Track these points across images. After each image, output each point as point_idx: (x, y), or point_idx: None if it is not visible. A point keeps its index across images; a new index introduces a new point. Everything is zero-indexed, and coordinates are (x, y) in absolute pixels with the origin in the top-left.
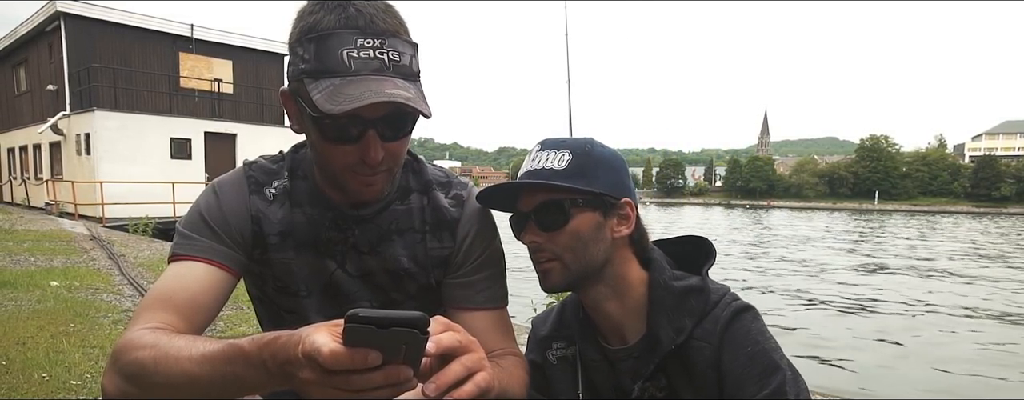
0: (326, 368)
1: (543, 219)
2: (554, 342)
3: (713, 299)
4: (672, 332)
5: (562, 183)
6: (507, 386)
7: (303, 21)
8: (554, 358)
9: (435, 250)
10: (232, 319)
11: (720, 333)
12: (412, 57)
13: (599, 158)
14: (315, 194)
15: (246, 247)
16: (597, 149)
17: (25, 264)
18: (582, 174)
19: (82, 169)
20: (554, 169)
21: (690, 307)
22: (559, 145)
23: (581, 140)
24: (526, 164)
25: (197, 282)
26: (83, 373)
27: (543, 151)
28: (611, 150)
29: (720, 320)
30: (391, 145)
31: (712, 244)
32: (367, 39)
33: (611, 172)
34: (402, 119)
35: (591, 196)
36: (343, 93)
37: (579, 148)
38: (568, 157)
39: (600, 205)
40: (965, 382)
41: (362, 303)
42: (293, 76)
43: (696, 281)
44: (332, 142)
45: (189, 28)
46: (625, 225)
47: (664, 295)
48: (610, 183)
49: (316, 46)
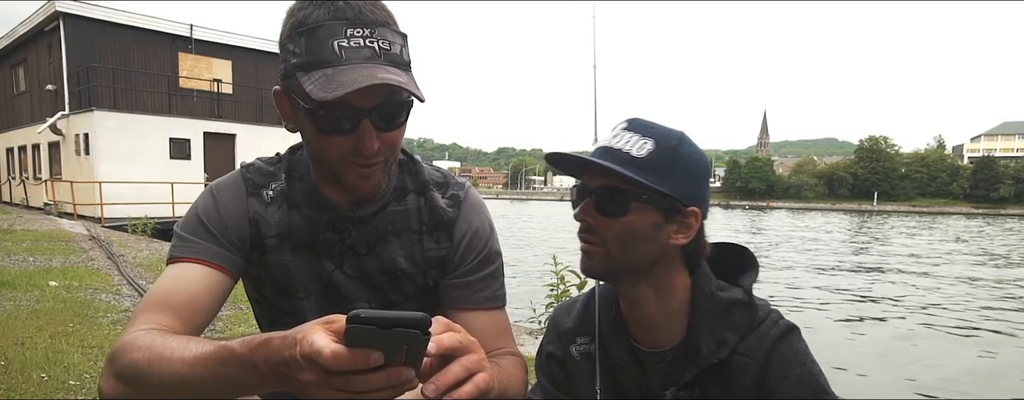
0: (328, 369)
1: (602, 203)
2: (578, 337)
3: (759, 316)
4: (713, 344)
5: (632, 174)
6: (506, 387)
7: (293, 18)
8: (577, 353)
9: (432, 251)
10: (231, 320)
11: (767, 351)
12: (402, 47)
13: (682, 157)
14: (312, 195)
15: (244, 249)
16: (684, 147)
17: (24, 264)
18: (658, 169)
19: (81, 169)
20: (631, 156)
21: (734, 321)
22: (646, 130)
23: (672, 133)
24: (605, 137)
25: (195, 284)
26: (82, 373)
27: (628, 131)
28: (699, 152)
29: (768, 338)
30: (387, 135)
31: (754, 255)
32: (357, 29)
33: (689, 175)
34: (397, 108)
35: (658, 195)
36: (335, 80)
37: (665, 141)
38: (650, 147)
39: (665, 206)
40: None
41: (360, 304)
42: (285, 72)
43: (741, 295)
44: (327, 134)
45: (188, 28)
46: (684, 234)
47: (708, 304)
48: (684, 186)
49: (306, 39)
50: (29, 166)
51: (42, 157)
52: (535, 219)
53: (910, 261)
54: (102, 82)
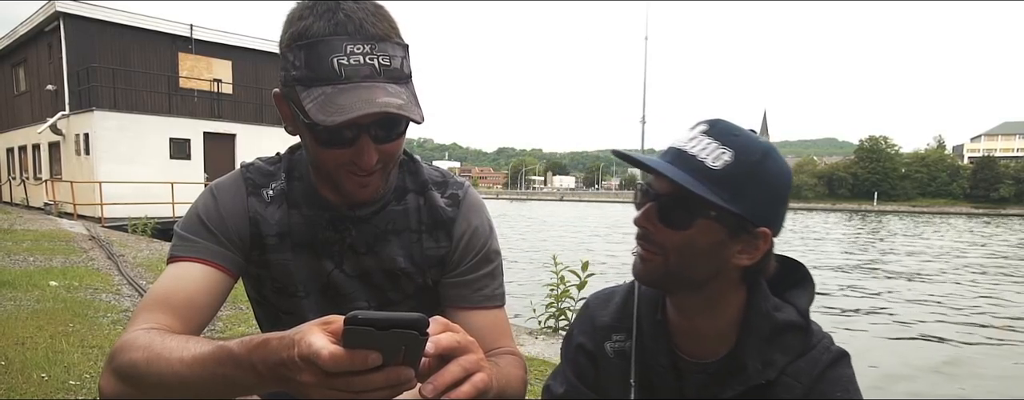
0: (326, 370)
1: (665, 212)
2: (614, 333)
3: (813, 341)
4: (760, 364)
5: (703, 189)
6: (504, 386)
7: (293, 26)
8: (611, 350)
9: (431, 250)
10: (231, 319)
11: (817, 377)
12: (403, 59)
13: (763, 175)
14: (312, 195)
15: (244, 249)
16: (768, 164)
17: (24, 264)
18: (733, 185)
19: (81, 169)
20: (706, 166)
21: (787, 343)
22: (728, 138)
23: (756, 145)
24: (680, 139)
25: (195, 283)
26: (82, 373)
27: (707, 136)
28: (783, 169)
29: (819, 363)
30: (385, 146)
31: (809, 272)
32: (357, 45)
33: (767, 194)
34: (395, 121)
35: (727, 214)
36: (335, 103)
37: (747, 154)
38: (728, 158)
39: (733, 225)
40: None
41: (359, 303)
42: (285, 81)
43: (797, 317)
44: (325, 147)
45: (188, 28)
46: (748, 255)
47: (761, 323)
48: (758, 206)
49: (306, 54)
50: (29, 166)
51: (42, 157)
52: (535, 221)
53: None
54: (102, 82)
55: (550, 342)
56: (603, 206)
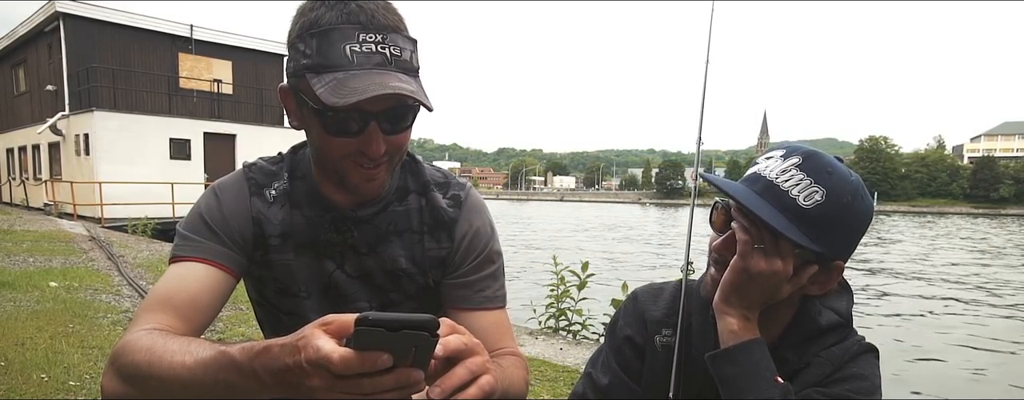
0: (337, 373)
1: None
2: (664, 328)
3: (849, 335)
4: (796, 356)
5: (790, 232)
6: (508, 388)
7: (304, 17)
8: (660, 345)
9: (433, 250)
10: (232, 320)
11: (846, 360)
12: (412, 53)
13: (851, 216)
14: (314, 195)
15: (247, 249)
16: (857, 203)
17: (24, 265)
18: (821, 226)
19: (81, 169)
20: (798, 204)
21: (826, 340)
22: (822, 176)
23: (848, 184)
24: (771, 168)
25: (197, 283)
26: (82, 374)
27: (800, 171)
28: (869, 208)
29: (850, 351)
30: (393, 138)
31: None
32: (369, 34)
33: (850, 234)
34: (404, 112)
35: (809, 251)
36: (347, 86)
37: (839, 195)
38: (820, 198)
39: (812, 260)
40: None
41: (361, 304)
42: (294, 71)
43: (840, 319)
44: (333, 135)
45: (188, 28)
46: (819, 286)
47: (808, 326)
48: (839, 245)
49: (318, 41)
50: (29, 166)
51: (42, 157)
52: (535, 222)
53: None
54: (102, 82)
55: (550, 342)
56: (605, 206)
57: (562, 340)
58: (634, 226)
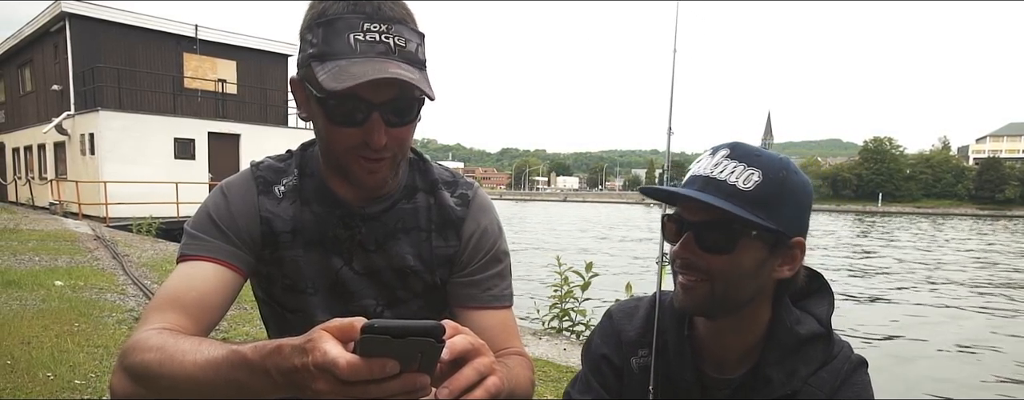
0: (344, 379)
1: (706, 238)
2: (640, 348)
3: (834, 350)
4: (784, 376)
5: (742, 212)
6: (514, 388)
7: (313, 9)
8: (637, 366)
9: (440, 249)
10: (236, 319)
11: (837, 386)
12: (418, 45)
13: (790, 189)
14: (323, 192)
15: (255, 247)
16: (792, 177)
17: (30, 264)
18: (767, 203)
19: (86, 169)
20: (738, 188)
21: (809, 355)
22: (752, 159)
23: (778, 161)
24: (705, 166)
25: (205, 282)
26: (87, 373)
27: (731, 160)
28: (804, 180)
29: (840, 374)
30: (396, 131)
31: (827, 282)
32: (374, 24)
33: (797, 207)
34: (408, 104)
35: (767, 230)
36: (347, 72)
37: (774, 172)
38: (758, 178)
39: (772, 241)
40: None
41: (367, 301)
42: (302, 61)
43: (819, 328)
44: (337, 125)
45: (193, 29)
46: (788, 266)
47: (786, 338)
48: (792, 219)
49: (324, 30)
50: (35, 166)
51: (48, 157)
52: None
53: None
54: (107, 82)
55: (554, 343)
56: (608, 207)
57: (566, 341)
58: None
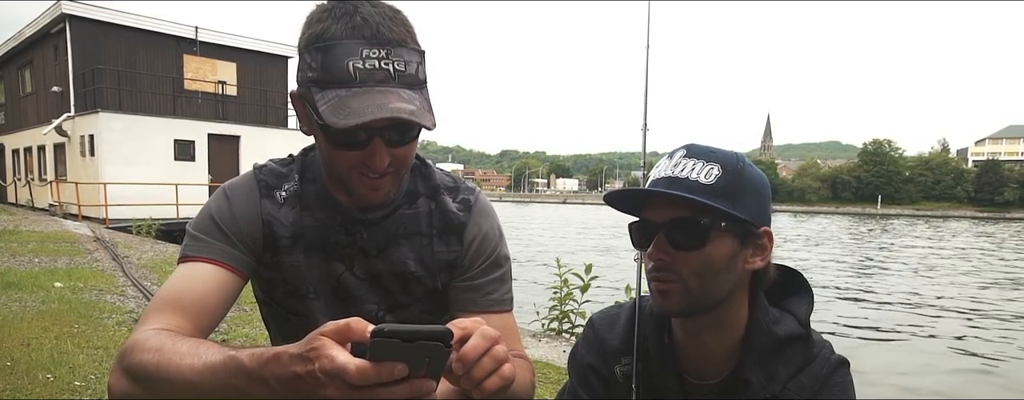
0: (353, 384)
1: (677, 236)
2: (623, 356)
3: (814, 351)
4: (763, 378)
5: (708, 201)
6: (516, 388)
7: (311, 28)
8: (621, 374)
9: (442, 254)
10: (235, 321)
11: (817, 389)
12: (418, 65)
13: (749, 179)
14: (324, 197)
15: (256, 250)
16: (748, 169)
17: (29, 265)
18: (729, 194)
19: (86, 170)
20: (701, 183)
21: (788, 356)
22: (708, 155)
23: (731, 155)
24: (664, 168)
25: (205, 284)
26: (87, 374)
27: (689, 158)
28: (760, 172)
29: (820, 377)
30: (398, 150)
31: (807, 281)
32: (373, 49)
33: (757, 196)
34: (408, 125)
35: (734, 221)
36: (348, 106)
37: (731, 164)
38: (717, 172)
39: (741, 232)
40: None
41: (369, 306)
42: (302, 81)
43: (798, 328)
44: (338, 148)
45: (193, 30)
46: (760, 257)
47: (763, 340)
48: (754, 208)
49: (323, 56)
50: (34, 167)
51: (47, 158)
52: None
53: None
54: (107, 84)
55: (554, 345)
56: (608, 208)
57: (566, 343)
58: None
